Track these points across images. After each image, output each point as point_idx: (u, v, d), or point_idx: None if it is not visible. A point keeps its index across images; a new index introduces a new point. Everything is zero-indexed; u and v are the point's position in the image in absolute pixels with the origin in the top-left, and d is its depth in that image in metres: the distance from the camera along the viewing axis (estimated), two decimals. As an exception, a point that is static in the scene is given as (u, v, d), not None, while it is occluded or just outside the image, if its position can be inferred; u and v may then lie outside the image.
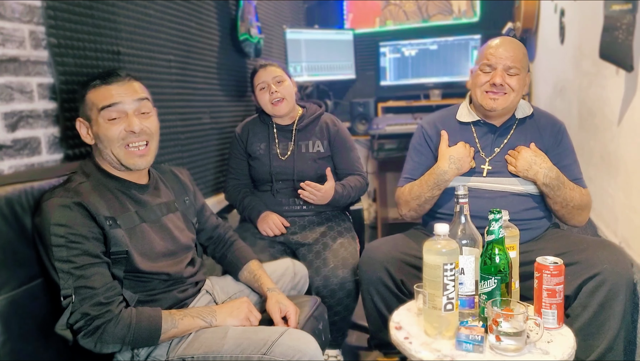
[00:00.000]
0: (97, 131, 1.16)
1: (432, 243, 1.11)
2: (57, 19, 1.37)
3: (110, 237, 1.11)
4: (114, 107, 1.16)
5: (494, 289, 1.10)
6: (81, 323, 1.03)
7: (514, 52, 1.49)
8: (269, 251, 1.79)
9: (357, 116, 3.42)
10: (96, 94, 1.16)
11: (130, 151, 1.17)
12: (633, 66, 1.39)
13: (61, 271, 1.05)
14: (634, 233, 1.49)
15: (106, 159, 1.19)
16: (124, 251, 1.12)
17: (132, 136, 1.16)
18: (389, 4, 3.71)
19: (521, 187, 1.49)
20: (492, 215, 1.11)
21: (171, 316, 1.13)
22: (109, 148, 1.16)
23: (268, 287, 1.36)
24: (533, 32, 3.06)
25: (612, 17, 1.39)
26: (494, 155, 1.54)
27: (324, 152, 1.90)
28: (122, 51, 1.65)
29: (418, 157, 1.64)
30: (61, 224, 1.05)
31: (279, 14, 3.24)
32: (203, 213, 1.46)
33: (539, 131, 1.55)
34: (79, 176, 1.17)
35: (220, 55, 2.38)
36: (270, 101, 1.84)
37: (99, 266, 1.08)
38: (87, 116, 1.18)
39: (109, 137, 1.15)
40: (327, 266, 1.69)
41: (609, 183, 1.67)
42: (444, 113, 1.69)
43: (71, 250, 1.05)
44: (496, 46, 1.50)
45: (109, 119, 1.15)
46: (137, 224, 1.18)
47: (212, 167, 2.29)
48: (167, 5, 1.94)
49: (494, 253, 1.11)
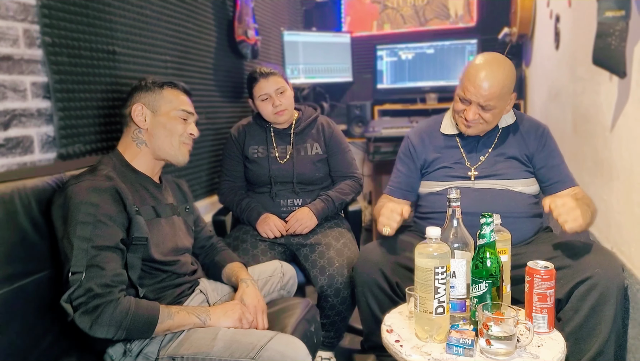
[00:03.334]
0: (166, 122, 1.29)
1: (423, 246, 1.11)
2: (52, 18, 1.37)
3: (135, 222, 1.16)
4: (188, 112, 1.35)
5: (485, 293, 1.10)
6: (82, 299, 1.04)
7: (491, 88, 1.43)
8: (270, 253, 1.79)
9: (354, 119, 3.42)
10: (176, 95, 1.34)
11: (186, 146, 1.34)
12: (626, 72, 1.40)
13: (78, 248, 1.07)
14: (625, 238, 1.49)
15: (149, 146, 1.29)
16: (145, 238, 1.18)
17: (190, 139, 1.35)
18: (386, 8, 3.72)
19: (513, 188, 1.51)
20: (484, 219, 1.11)
21: (168, 309, 1.15)
22: (169, 137, 1.29)
23: (241, 278, 1.38)
24: (529, 37, 3.07)
25: (605, 24, 1.40)
26: (479, 163, 1.56)
27: (322, 154, 1.92)
28: (117, 51, 1.65)
29: (402, 168, 1.67)
30: (93, 204, 1.10)
31: (276, 16, 3.24)
32: (198, 224, 1.52)
33: (522, 136, 1.57)
34: (104, 166, 1.23)
35: (217, 57, 2.38)
36: (273, 112, 1.85)
37: (114, 251, 1.12)
38: (156, 105, 1.30)
39: (177, 130, 1.31)
40: (332, 265, 1.69)
41: (602, 189, 1.68)
42: (430, 123, 1.69)
43: (96, 229, 1.09)
44: (474, 79, 1.44)
45: (183, 118, 1.32)
46: (153, 217, 1.26)
47: (206, 168, 2.29)
48: (164, 6, 1.94)
49: (486, 257, 1.11)
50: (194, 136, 1.36)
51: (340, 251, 1.74)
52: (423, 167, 1.62)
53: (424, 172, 1.62)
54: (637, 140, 1.40)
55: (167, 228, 1.30)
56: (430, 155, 1.61)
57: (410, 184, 1.65)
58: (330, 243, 1.77)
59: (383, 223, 1.40)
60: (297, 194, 1.88)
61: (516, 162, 1.54)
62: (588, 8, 1.77)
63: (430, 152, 1.61)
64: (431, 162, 1.61)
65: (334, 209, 1.88)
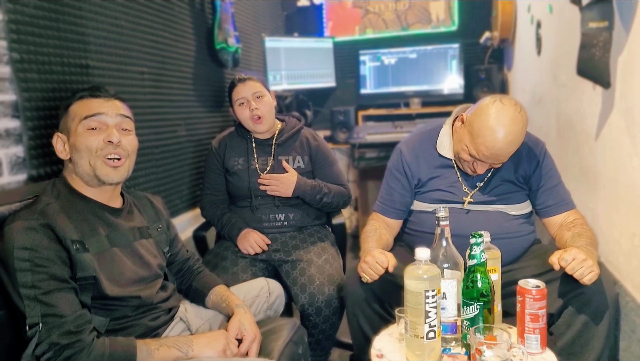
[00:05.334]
0: (75, 141, 1.14)
1: (413, 269, 1.08)
2: (20, 33, 1.30)
3: (77, 262, 1.06)
4: (96, 117, 1.16)
5: (477, 315, 1.07)
6: (50, 354, 0.97)
7: (509, 153, 1.36)
8: (251, 270, 1.74)
9: (338, 125, 3.40)
10: (81, 105, 1.17)
11: (107, 162, 1.16)
12: (610, 83, 1.39)
13: (27, 298, 0.99)
14: (613, 248, 1.49)
15: (79, 174, 1.16)
16: (92, 277, 1.08)
17: (110, 147, 1.16)
18: (368, 13, 3.69)
19: (508, 212, 1.47)
20: (474, 239, 1.08)
21: (146, 346, 1.07)
22: (86, 158, 1.14)
23: (236, 303, 1.32)
24: (510, 41, 3.09)
25: (589, 35, 1.39)
26: (476, 190, 1.48)
27: (304, 167, 1.87)
28: (91, 64, 1.58)
29: (393, 183, 1.58)
30: (26, 248, 1.00)
31: (257, 23, 3.19)
32: (175, 245, 1.42)
33: (520, 157, 1.47)
34: (46, 197, 1.12)
35: (197, 66, 2.32)
36: (250, 117, 1.80)
37: (66, 291, 1.03)
38: (67, 127, 1.16)
39: (88, 146, 1.14)
40: (312, 283, 1.65)
41: (589, 198, 1.67)
42: (424, 138, 1.59)
43: (37, 275, 1.00)
44: (491, 145, 1.32)
45: (90, 128, 1.15)
46: (107, 249, 1.15)
47: (187, 180, 2.23)
48: (140, 16, 1.87)
49: (476, 278, 1.08)
50: (114, 143, 1.15)
51: (322, 268, 1.69)
52: (417, 186, 1.56)
53: (417, 190, 1.56)
54: (622, 150, 1.39)
55: (125, 258, 1.18)
56: (425, 175, 1.53)
57: (404, 203, 1.57)
58: (312, 260, 1.72)
59: (365, 271, 1.33)
60: (277, 208, 1.84)
61: (512, 185, 1.47)
62: (569, 15, 1.77)
63: (425, 171, 1.53)
64: (425, 183, 1.54)
65: (315, 197, 1.82)
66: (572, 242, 1.33)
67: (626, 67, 1.35)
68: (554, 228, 1.48)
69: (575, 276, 1.19)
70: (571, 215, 1.46)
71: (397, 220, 1.60)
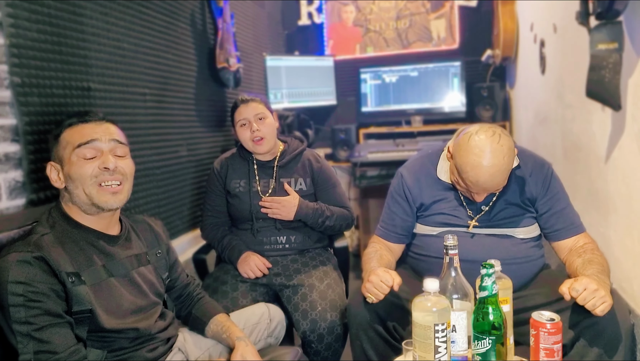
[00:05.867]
0: (70, 170, 1.11)
1: (421, 301, 1.04)
2: (22, 57, 1.29)
3: (73, 295, 1.03)
4: (90, 145, 1.12)
5: (489, 350, 1.03)
6: None
7: (499, 183, 1.32)
8: (251, 295, 1.70)
9: (339, 143, 3.38)
10: (72, 132, 1.13)
11: (103, 188, 1.12)
12: (621, 105, 1.37)
13: (19, 334, 0.96)
14: (627, 274, 1.45)
15: (76, 203, 1.12)
16: (88, 310, 1.04)
17: (105, 174, 1.12)
18: (369, 31, 3.70)
19: (515, 236, 1.43)
20: (485, 270, 1.05)
21: None
22: (80, 187, 1.10)
23: (237, 336, 1.28)
24: (512, 59, 3.08)
25: (598, 57, 1.38)
26: (481, 214, 1.44)
27: (306, 190, 1.84)
28: (92, 87, 1.57)
29: (395, 207, 1.56)
30: (20, 282, 0.97)
31: (258, 42, 3.19)
32: (175, 270, 1.39)
33: (526, 180, 1.44)
34: (41, 227, 1.09)
35: (198, 86, 2.31)
36: (251, 138, 1.77)
37: (60, 326, 0.99)
38: (59, 156, 1.13)
39: (82, 174, 1.10)
40: (314, 309, 1.61)
41: (599, 222, 1.64)
42: (425, 162, 1.55)
43: (30, 310, 0.97)
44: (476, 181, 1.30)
45: (84, 158, 1.11)
46: (103, 279, 1.11)
47: (188, 201, 2.20)
48: (142, 37, 1.87)
49: (488, 311, 1.04)
50: (110, 170, 1.12)
51: (324, 293, 1.65)
52: (419, 209, 1.53)
53: (420, 214, 1.54)
54: (636, 175, 1.36)
55: (123, 289, 1.15)
56: (428, 198, 1.51)
57: (406, 228, 1.54)
58: (314, 284, 1.69)
59: (370, 291, 1.30)
60: (279, 230, 1.80)
61: (518, 209, 1.44)
62: (575, 35, 1.76)
63: (427, 195, 1.51)
64: (429, 206, 1.51)
65: (317, 221, 1.78)
66: (582, 270, 1.29)
67: (637, 90, 1.33)
68: (563, 253, 1.44)
69: (587, 307, 1.15)
70: (581, 239, 1.42)
71: (399, 244, 1.57)
